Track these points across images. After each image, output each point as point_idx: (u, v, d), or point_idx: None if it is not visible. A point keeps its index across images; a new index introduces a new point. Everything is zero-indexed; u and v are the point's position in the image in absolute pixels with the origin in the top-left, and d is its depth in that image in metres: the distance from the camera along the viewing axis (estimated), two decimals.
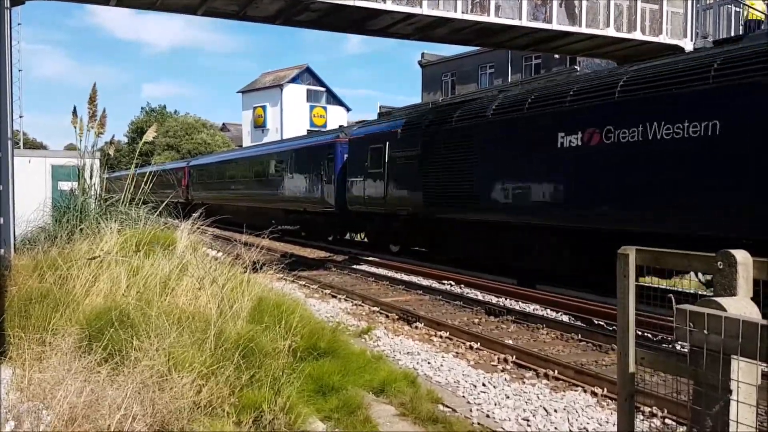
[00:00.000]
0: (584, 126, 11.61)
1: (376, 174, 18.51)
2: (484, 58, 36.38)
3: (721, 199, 9.36)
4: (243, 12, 13.75)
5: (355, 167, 20.00)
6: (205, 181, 37.15)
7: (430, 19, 13.81)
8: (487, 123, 14.36)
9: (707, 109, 9.51)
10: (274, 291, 7.09)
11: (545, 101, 12.88)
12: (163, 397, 3.90)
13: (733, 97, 9.21)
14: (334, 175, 21.28)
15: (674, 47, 15.18)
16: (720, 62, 9.57)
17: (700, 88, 9.65)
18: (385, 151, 18.03)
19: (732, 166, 9.21)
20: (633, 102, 10.74)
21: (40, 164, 13.13)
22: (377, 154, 18.48)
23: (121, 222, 8.52)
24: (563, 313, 10.16)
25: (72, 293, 6.08)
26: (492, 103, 14.67)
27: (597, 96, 11.58)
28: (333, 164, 21.48)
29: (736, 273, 2.77)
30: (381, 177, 18.22)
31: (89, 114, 9.73)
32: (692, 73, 9.92)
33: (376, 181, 18.53)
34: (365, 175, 19.13)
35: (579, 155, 11.76)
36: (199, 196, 36.15)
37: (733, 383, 2.51)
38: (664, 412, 5.53)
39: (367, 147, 19.13)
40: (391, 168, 17.85)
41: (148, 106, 69.79)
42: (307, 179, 23.47)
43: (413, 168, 16.77)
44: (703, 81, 9.64)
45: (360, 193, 19.45)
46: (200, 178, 38.04)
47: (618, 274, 3.32)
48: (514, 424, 5.51)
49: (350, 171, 20.30)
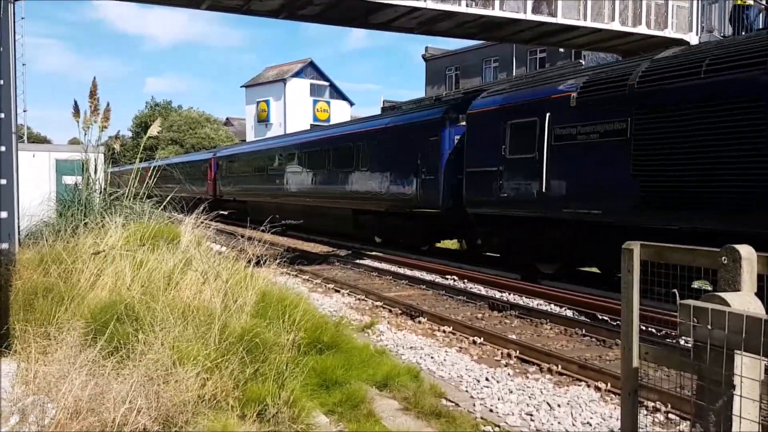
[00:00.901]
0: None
1: (524, 161, 12.97)
2: (489, 51, 36.30)
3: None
4: (247, 6, 13.75)
5: (479, 153, 14.43)
6: (238, 174, 31.83)
7: (434, 12, 13.78)
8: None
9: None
10: (277, 285, 7.10)
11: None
12: (167, 391, 3.92)
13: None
14: (440, 165, 15.92)
15: (679, 41, 15.12)
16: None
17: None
18: (542, 127, 12.36)
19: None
20: None
21: (44, 158, 13.16)
22: (525, 133, 12.89)
23: (125, 216, 8.54)
24: (567, 308, 10.15)
25: (77, 287, 6.10)
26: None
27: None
28: (437, 150, 16.01)
29: (741, 268, 2.77)
30: (534, 165, 12.58)
31: (91, 108, 9.73)
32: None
33: (524, 172, 12.98)
34: (501, 163, 13.60)
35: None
36: (230, 192, 32.08)
37: (736, 378, 2.51)
38: (667, 407, 5.53)
39: (504, 123, 13.53)
40: (555, 151, 12.18)
41: (152, 101, 69.92)
42: (392, 171, 18.10)
43: (613, 150, 10.91)
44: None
45: (490, 189, 13.91)
46: (231, 170, 32.75)
47: (622, 269, 3.31)
48: (518, 418, 5.52)
49: (470, 158, 14.72)
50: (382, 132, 19.22)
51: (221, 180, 33.49)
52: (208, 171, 34.81)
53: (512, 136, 13.37)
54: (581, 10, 14.61)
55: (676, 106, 9.87)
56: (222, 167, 33.73)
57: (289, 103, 56.48)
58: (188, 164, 39.03)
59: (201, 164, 36.70)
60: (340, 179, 21.34)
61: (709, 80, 9.47)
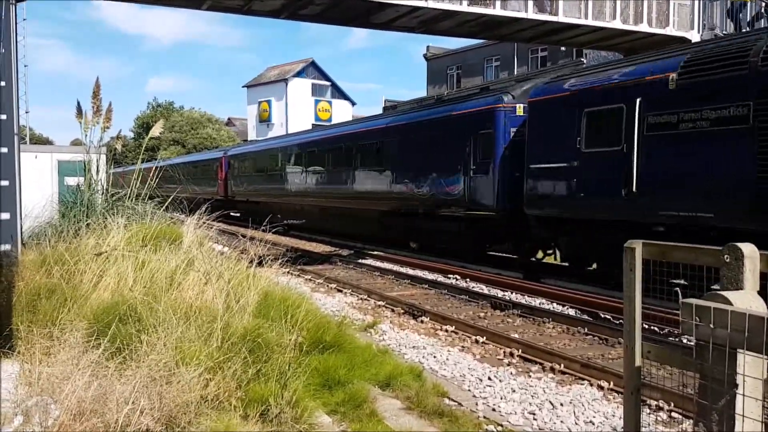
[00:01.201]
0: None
1: (606, 156, 11.12)
2: (490, 50, 36.27)
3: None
4: (248, 6, 13.75)
5: (544, 146, 12.65)
6: (252, 173, 30.05)
7: (435, 12, 13.77)
8: None
9: None
10: (279, 285, 7.10)
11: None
12: (170, 391, 3.92)
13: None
14: (494, 161, 13.99)
15: (681, 39, 15.10)
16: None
17: None
18: (631, 115, 10.50)
19: None
20: None
21: (46, 159, 13.17)
22: (608, 122, 11.11)
23: (127, 217, 8.55)
24: (569, 307, 10.14)
25: (79, 288, 6.11)
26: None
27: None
28: (492, 143, 14.05)
29: (743, 266, 2.77)
30: (620, 160, 10.70)
31: (93, 109, 9.73)
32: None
33: (607, 168, 11.12)
34: (575, 158, 11.78)
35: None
36: (243, 192, 30.70)
37: (739, 377, 2.51)
38: (670, 406, 5.53)
39: (579, 111, 11.71)
40: (649, 143, 10.29)
41: (155, 101, 69.98)
42: (432, 168, 16.18)
43: (729, 141, 9.16)
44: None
45: (560, 188, 12.18)
46: (244, 170, 30.98)
47: (624, 268, 3.31)
48: (520, 417, 5.52)
49: (533, 153, 12.93)
50: (417, 126, 17.30)
51: (233, 180, 32.07)
52: (219, 171, 33.50)
53: (590, 126, 11.49)
54: (582, 9, 14.60)
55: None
56: (234, 166, 32.22)
57: (291, 103, 56.51)
58: (197, 164, 38.04)
59: (211, 164, 35.49)
60: (366, 178, 19.64)
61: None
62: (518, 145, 13.52)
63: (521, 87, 14.30)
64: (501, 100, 14.23)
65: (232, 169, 32.34)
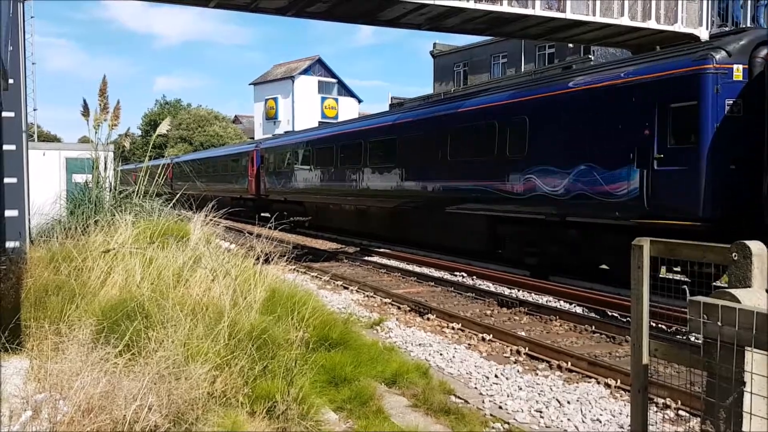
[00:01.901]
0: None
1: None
2: (497, 47, 36.18)
3: None
4: (254, 4, 13.75)
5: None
6: (293, 168, 25.55)
7: (442, 9, 13.73)
8: None
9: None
10: (286, 282, 7.12)
11: None
12: (178, 388, 3.94)
13: None
14: (699, 148, 9.88)
15: (690, 36, 15.02)
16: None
17: None
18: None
19: None
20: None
21: (54, 157, 13.24)
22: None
23: (135, 214, 8.58)
24: (576, 305, 10.12)
25: (87, 285, 6.14)
26: None
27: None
28: (695, 122, 9.98)
29: (751, 264, 2.76)
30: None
31: (100, 106, 9.75)
32: None
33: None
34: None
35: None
36: (281, 191, 26.44)
37: (746, 375, 2.50)
38: (677, 404, 5.52)
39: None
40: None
41: (163, 99, 70.20)
42: (582, 156, 11.79)
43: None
44: None
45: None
46: (286, 163, 26.37)
47: (632, 265, 3.30)
48: (527, 415, 5.52)
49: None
50: (552, 103, 12.81)
51: (267, 176, 27.92)
52: (249, 166, 29.76)
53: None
54: (590, 5, 14.54)
55: None
56: (268, 160, 28.05)
57: (298, 100, 56.56)
58: (222, 159, 35.48)
59: (240, 158, 31.86)
60: (469, 173, 14.96)
61: None
62: (737, 124, 9.84)
63: (738, 41, 10.35)
64: (710, 57, 10.05)
65: (265, 163, 28.32)
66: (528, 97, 13.71)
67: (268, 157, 28.24)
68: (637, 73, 11.20)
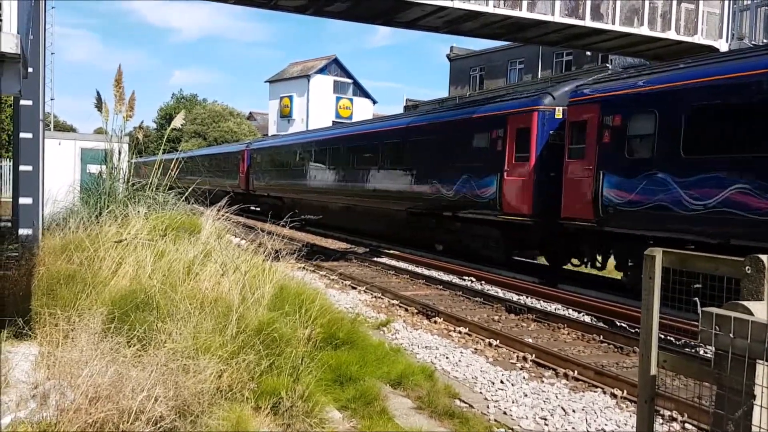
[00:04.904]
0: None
1: None
2: (514, 52, 36.09)
3: None
4: (274, 2, 13.80)
5: None
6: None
7: (460, 12, 13.74)
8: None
9: None
10: (295, 280, 7.13)
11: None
12: (186, 381, 3.96)
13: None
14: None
15: (709, 48, 14.92)
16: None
17: None
18: None
19: None
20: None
21: (69, 147, 13.32)
22: None
23: (148, 206, 8.62)
24: (585, 314, 10.07)
25: (98, 275, 6.18)
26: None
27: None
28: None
29: (764, 278, 2.73)
30: None
31: (116, 97, 9.72)
32: None
33: None
34: None
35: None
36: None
37: (757, 388, 2.48)
38: (684, 417, 5.48)
39: None
40: None
41: (180, 93, 70.57)
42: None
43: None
44: None
45: None
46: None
47: (644, 276, 3.28)
48: (532, 422, 5.49)
49: None
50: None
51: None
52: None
53: None
54: (609, 14, 14.48)
55: None
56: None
57: (313, 99, 56.70)
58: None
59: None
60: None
61: None
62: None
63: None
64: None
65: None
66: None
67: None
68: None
